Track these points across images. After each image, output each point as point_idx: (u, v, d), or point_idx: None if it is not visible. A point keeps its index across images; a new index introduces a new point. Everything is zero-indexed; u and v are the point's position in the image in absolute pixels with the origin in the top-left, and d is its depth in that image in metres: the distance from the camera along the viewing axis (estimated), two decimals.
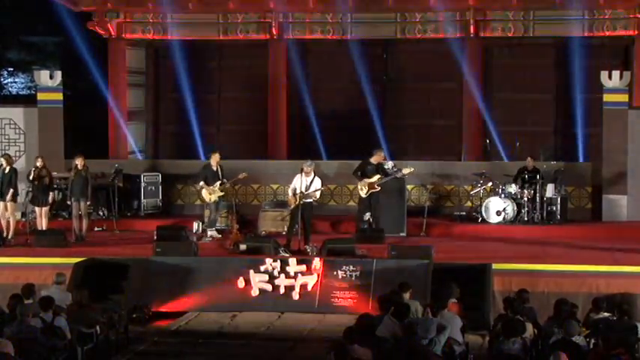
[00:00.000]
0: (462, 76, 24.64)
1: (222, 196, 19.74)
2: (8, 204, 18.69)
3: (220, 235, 19.39)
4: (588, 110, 24.36)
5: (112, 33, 25.36)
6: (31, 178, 18.83)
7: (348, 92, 25.86)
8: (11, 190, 18.66)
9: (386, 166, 19.83)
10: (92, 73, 25.39)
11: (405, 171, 19.68)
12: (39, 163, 18.85)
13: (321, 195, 18.62)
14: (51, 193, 19.19)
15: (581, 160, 23.82)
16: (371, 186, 19.11)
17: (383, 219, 19.47)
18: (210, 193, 19.55)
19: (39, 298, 12.91)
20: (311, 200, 18.01)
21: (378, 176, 19.14)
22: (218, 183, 19.55)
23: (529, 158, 21.21)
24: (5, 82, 33.87)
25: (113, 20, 25.24)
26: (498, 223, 20.53)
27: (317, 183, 17.95)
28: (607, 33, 24.02)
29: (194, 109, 26.40)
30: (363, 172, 19.29)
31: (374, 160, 19.43)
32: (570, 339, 11.19)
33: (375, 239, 18.35)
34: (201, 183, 19.69)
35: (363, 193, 19.27)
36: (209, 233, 19.50)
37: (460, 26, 24.42)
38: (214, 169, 19.74)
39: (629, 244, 18.24)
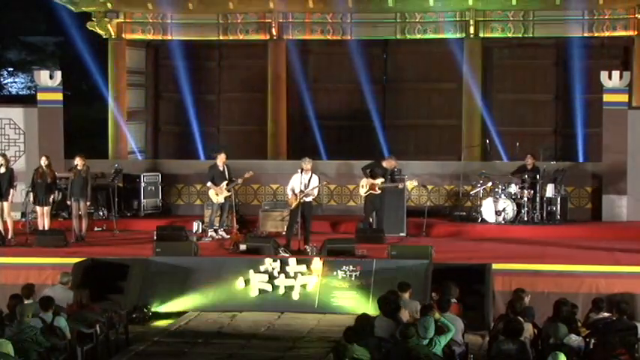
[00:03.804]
0: (461, 76, 24.64)
1: (227, 196, 19.68)
2: (6, 204, 18.67)
3: (229, 236, 19.26)
4: (588, 110, 24.37)
5: (112, 33, 25.36)
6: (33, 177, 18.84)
7: (348, 92, 25.88)
8: (12, 191, 18.66)
9: (395, 171, 19.81)
10: (92, 73, 25.43)
11: (409, 186, 19.75)
12: (44, 162, 18.81)
13: (320, 194, 18.59)
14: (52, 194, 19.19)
15: (581, 160, 23.81)
16: (372, 187, 19.06)
17: (383, 219, 19.45)
18: (217, 194, 19.54)
19: (39, 298, 12.92)
20: (311, 199, 18.03)
21: (381, 180, 19.08)
22: (225, 183, 19.54)
23: (529, 156, 21.08)
24: (5, 82, 33.93)
25: (113, 20, 25.24)
26: (498, 223, 20.51)
27: (315, 181, 17.94)
28: (607, 33, 24.02)
29: (194, 109, 26.39)
30: (372, 173, 19.24)
31: (385, 164, 19.33)
32: (562, 342, 11.18)
33: (375, 239, 18.32)
34: (209, 183, 19.69)
35: (362, 192, 19.24)
36: (209, 233, 19.51)
37: (460, 26, 24.42)
38: (221, 169, 19.72)
39: (629, 244, 18.21)
